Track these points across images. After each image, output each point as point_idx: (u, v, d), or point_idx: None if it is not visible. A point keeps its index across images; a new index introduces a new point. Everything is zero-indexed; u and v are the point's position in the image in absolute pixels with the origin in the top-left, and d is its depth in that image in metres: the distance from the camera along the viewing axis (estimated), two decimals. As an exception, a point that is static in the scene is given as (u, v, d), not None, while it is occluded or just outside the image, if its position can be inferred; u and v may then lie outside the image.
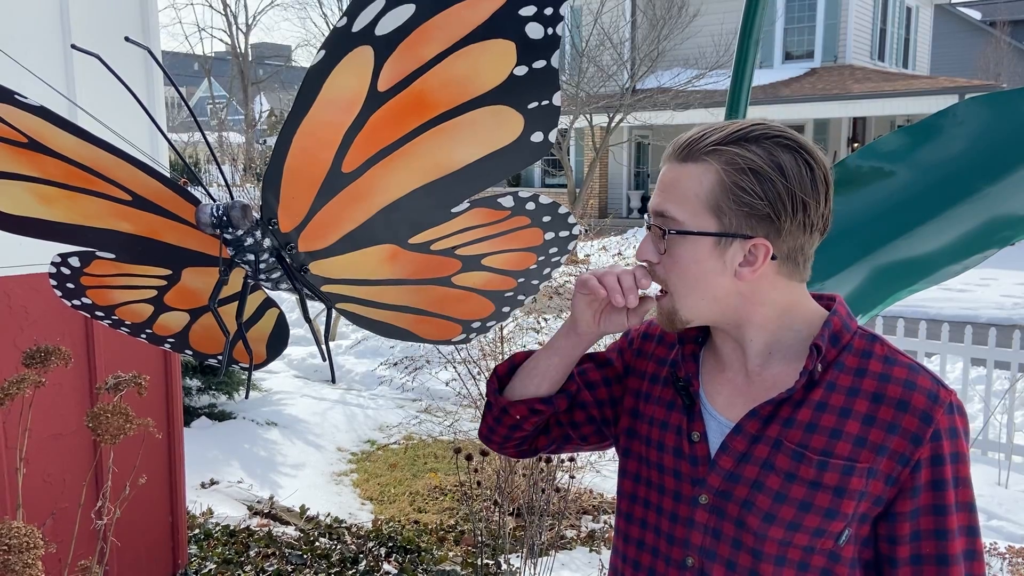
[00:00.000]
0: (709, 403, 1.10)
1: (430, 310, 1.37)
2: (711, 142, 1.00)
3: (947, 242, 1.70)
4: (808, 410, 1.01)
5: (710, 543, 1.05)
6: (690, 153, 1.02)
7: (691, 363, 1.12)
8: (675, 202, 1.02)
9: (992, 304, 10.26)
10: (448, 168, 1.06)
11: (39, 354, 1.69)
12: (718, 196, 0.99)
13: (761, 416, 1.03)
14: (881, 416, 0.98)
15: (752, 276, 1.01)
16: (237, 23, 22.40)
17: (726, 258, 1.01)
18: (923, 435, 0.97)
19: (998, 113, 1.64)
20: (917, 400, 0.98)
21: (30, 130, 1.03)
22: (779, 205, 0.98)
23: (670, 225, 1.02)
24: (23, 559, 1.37)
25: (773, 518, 1.00)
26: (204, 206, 1.06)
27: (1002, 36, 24.34)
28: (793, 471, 1.00)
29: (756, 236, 0.99)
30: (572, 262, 4.86)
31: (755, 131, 1.00)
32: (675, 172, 1.03)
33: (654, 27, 13.93)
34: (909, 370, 1.00)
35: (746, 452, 1.03)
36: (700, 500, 1.06)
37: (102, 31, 2.66)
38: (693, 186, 1.01)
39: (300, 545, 3.68)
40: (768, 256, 1.00)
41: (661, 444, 1.12)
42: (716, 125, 1.03)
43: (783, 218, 0.98)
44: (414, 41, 0.90)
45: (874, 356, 1.02)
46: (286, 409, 5.98)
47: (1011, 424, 4.89)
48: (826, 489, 0.98)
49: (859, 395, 1.00)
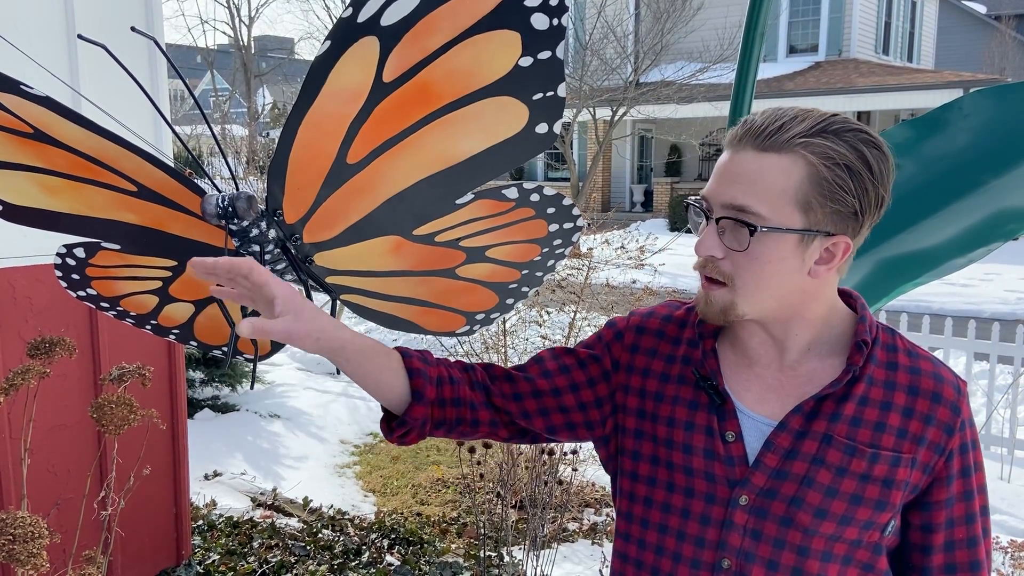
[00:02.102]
0: (738, 400, 1.06)
1: (434, 302, 1.37)
2: (797, 133, 0.94)
3: (952, 235, 1.70)
4: (852, 404, 1.02)
5: (749, 544, 1.02)
6: (773, 143, 0.95)
7: (712, 359, 1.08)
8: (757, 196, 0.95)
9: (996, 299, 10.25)
10: (453, 159, 1.06)
11: (44, 345, 1.69)
12: (807, 191, 0.94)
13: (805, 411, 1.02)
14: (919, 408, 1.01)
15: (826, 274, 1.00)
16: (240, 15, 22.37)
17: (806, 255, 0.98)
18: (954, 425, 1.01)
19: (1003, 106, 1.63)
20: (947, 392, 1.02)
21: (36, 120, 1.04)
22: (866, 203, 0.96)
23: (752, 220, 0.95)
24: (28, 549, 1.38)
25: (825, 513, 1.00)
26: (210, 196, 1.06)
27: (1007, 30, 24.23)
28: (845, 465, 1.00)
29: (839, 233, 0.97)
30: (576, 255, 4.87)
31: (835, 123, 0.96)
32: (751, 161, 0.96)
33: (658, 20, 13.88)
34: (933, 363, 1.05)
35: (792, 448, 1.01)
36: (740, 501, 1.03)
37: (106, 22, 2.66)
38: (779, 180, 0.94)
39: (303, 537, 3.69)
40: (847, 253, 0.99)
41: (688, 446, 1.06)
42: (787, 112, 0.97)
43: (867, 215, 0.97)
44: (419, 32, 0.90)
45: (899, 350, 1.05)
46: (289, 401, 5.99)
47: (1014, 419, 4.89)
48: (875, 481, 1.00)
49: (896, 388, 1.02)
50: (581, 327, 4.42)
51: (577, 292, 4.38)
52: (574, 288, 4.43)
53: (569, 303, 4.46)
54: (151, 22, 2.79)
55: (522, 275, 1.37)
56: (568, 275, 4.72)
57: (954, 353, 5.73)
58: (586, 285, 4.44)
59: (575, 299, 4.37)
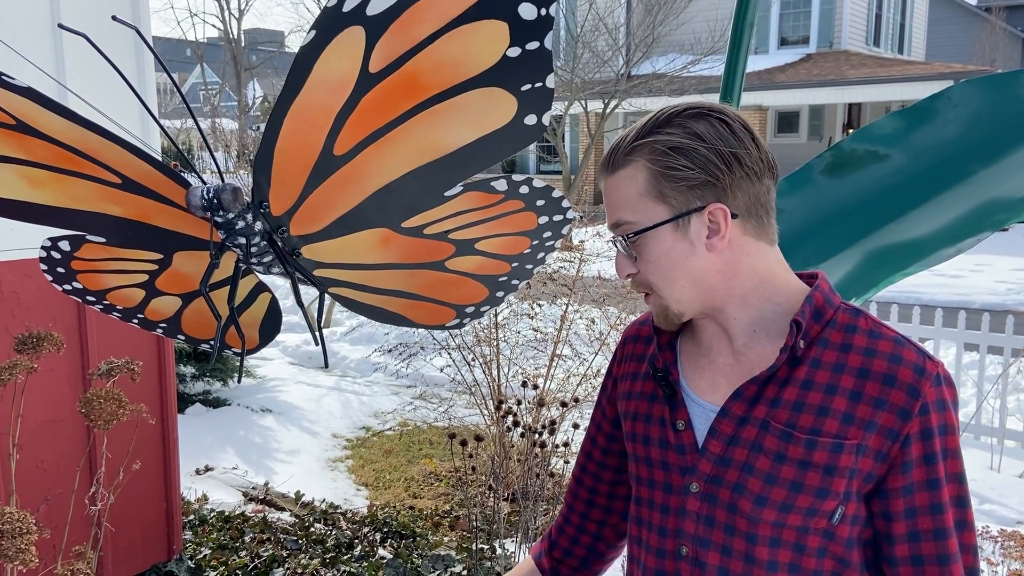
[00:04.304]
0: (691, 389, 1.09)
1: (423, 295, 1.36)
2: (628, 143, 1.03)
3: (941, 225, 1.70)
4: (794, 388, 1.00)
5: (703, 531, 1.05)
6: (614, 162, 1.05)
7: (668, 352, 1.12)
8: (622, 208, 1.04)
9: (986, 290, 10.30)
10: (441, 151, 1.05)
11: (31, 340, 1.68)
12: (655, 185, 1.01)
13: (746, 397, 1.02)
14: (868, 391, 0.97)
15: (723, 243, 1.01)
16: (229, 8, 22.25)
17: (691, 237, 1.01)
18: (911, 409, 0.96)
19: (992, 96, 1.63)
20: (903, 374, 0.97)
21: (18, 112, 1.02)
22: (711, 167, 0.99)
23: (628, 230, 1.04)
24: (16, 544, 1.37)
25: (765, 500, 0.99)
26: (195, 188, 1.05)
27: (997, 22, 24.30)
28: (782, 451, 0.99)
29: (707, 204, 1.00)
30: (567, 248, 4.87)
31: (663, 115, 1.03)
32: (610, 184, 1.06)
33: (649, 12, 13.86)
34: (894, 343, 0.99)
35: (734, 435, 1.02)
36: (691, 488, 1.05)
37: (92, 14, 2.64)
38: (631, 187, 1.03)
39: (295, 531, 3.69)
40: (727, 218, 1.00)
41: (647, 438, 1.12)
42: (624, 133, 1.06)
43: (722, 176, 0.99)
44: (406, 21, 0.89)
45: (859, 331, 1.01)
46: (281, 396, 5.99)
47: (1004, 409, 4.92)
48: (816, 468, 0.97)
49: (844, 371, 0.99)
50: (573, 320, 4.43)
51: (569, 285, 4.38)
52: (566, 281, 4.43)
53: (561, 296, 4.46)
54: (137, 14, 2.77)
55: (512, 268, 1.36)
56: (560, 268, 4.72)
57: (944, 344, 5.75)
58: (578, 278, 4.44)
59: (567, 292, 4.37)
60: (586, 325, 4.54)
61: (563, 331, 4.30)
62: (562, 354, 4.31)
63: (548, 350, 4.45)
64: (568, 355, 4.45)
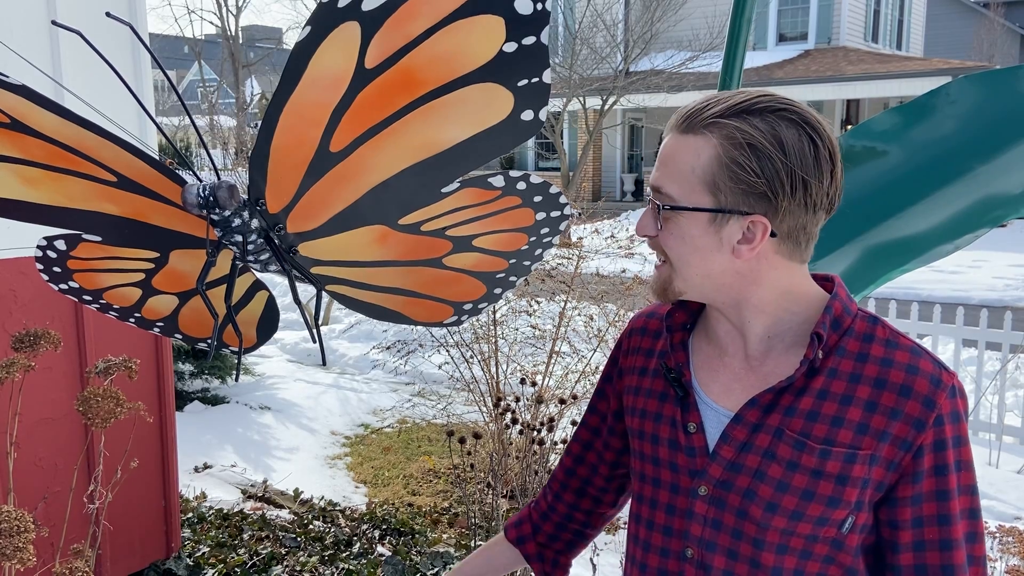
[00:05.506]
0: (704, 392, 1.07)
1: (421, 292, 1.36)
2: (712, 114, 0.96)
3: (939, 221, 1.70)
4: (810, 398, 0.99)
5: (710, 534, 1.04)
6: (691, 124, 0.97)
7: (681, 352, 1.09)
8: (670, 177, 0.98)
9: (984, 286, 10.31)
10: (437, 147, 1.05)
11: (28, 338, 1.67)
12: (714, 172, 0.95)
13: (761, 405, 1.01)
14: (883, 402, 0.96)
15: (750, 255, 0.98)
16: (227, 5, 22.20)
17: (723, 235, 0.97)
18: (926, 420, 0.95)
19: (990, 92, 1.63)
20: (920, 385, 0.96)
21: (12, 110, 1.02)
22: (776, 183, 0.93)
23: (664, 201, 0.99)
24: (14, 543, 1.37)
25: (776, 507, 0.98)
26: (190, 186, 1.05)
27: (996, 17, 24.29)
28: (795, 460, 0.98)
29: (754, 213, 0.96)
30: (565, 245, 4.86)
31: (759, 103, 0.95)
32: (674, 145, 0.99)
33: (647, 8, 13.85)
34: (911, 354, 0.98)
35: (747, 441, 1.01)
36: (699, 491, 1.04)
37: (87, 12, 2.63)
38: (689, 160, 0.97)
39: (294, 528, 3.69)
40: (766, 234, 0.96)
41: (655, 437, 1.10)
42: (723, 95, 0.98)
43: (780, 196, 0.94)
44: (401, 17, 0.89)
45: (876, 340, 1.00)
46: (279, 393, 5.98)
47: (1002, 405, 4.92)
48: (828, 477, 0.96)
49: (861, 381, 0.98)
50: (571, 316, 4.42)
51: (567, 281, 4.37)
52: (564, 277, 4.43)
53: (559, 292, 4.45)
54: (133, 10, 2.76)
55: (510, 264, 1.36)
56: (558, 264, 4.71)
57: (943, 340, 5.76)
58: (576, 274, 4.44)
59: (565, 288, 4.36)
60: (584, 322, 4.53)
61: (561, 328, 4.30)
62: (560, 351, 4.31)
63: (546, 347, 4.44)
64: (566, 352, 4.45)
